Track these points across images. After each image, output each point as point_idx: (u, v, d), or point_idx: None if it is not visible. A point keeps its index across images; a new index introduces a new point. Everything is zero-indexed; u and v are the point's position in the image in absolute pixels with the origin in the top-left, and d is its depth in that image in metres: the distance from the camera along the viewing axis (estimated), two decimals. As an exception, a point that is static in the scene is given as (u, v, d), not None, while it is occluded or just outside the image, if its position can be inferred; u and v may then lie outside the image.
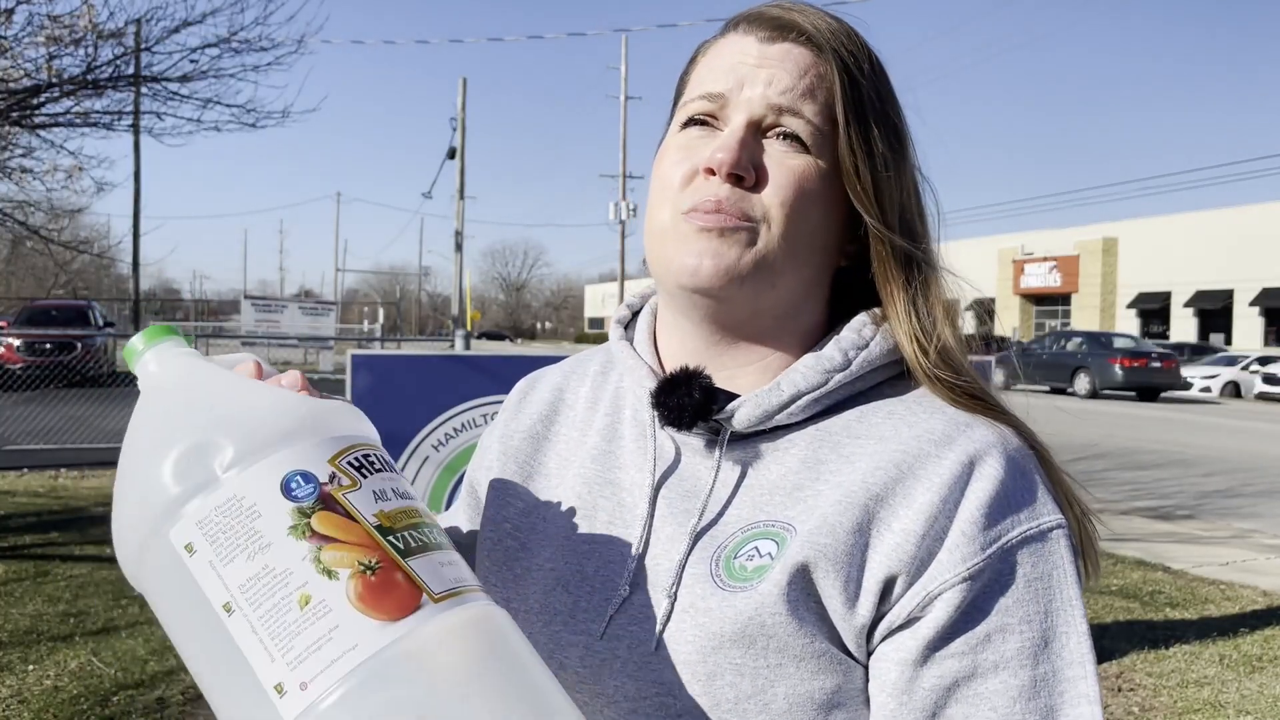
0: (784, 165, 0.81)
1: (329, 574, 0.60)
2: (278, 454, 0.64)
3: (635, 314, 0.99)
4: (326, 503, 0.63)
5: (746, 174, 0.81)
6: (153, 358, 0.71)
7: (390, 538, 0.63)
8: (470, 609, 0.64)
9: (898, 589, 0.74)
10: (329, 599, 0.60)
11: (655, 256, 0.86)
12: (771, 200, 0.81)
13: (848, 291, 0.89)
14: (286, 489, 0.63)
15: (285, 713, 0.59)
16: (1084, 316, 42.12)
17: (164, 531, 0.63)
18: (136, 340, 0.72)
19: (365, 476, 0.66)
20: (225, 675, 0.62)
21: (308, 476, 0.64)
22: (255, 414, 0.66)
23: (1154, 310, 40.70)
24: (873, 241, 0.84)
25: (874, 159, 0.82)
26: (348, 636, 0.59)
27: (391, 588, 0.61)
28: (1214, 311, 38.21)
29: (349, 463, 0.66)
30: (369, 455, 0.68)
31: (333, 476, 0.64)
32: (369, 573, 0.61)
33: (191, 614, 0.63)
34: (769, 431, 0.84)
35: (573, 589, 0.85)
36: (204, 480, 0.63)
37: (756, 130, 0.82)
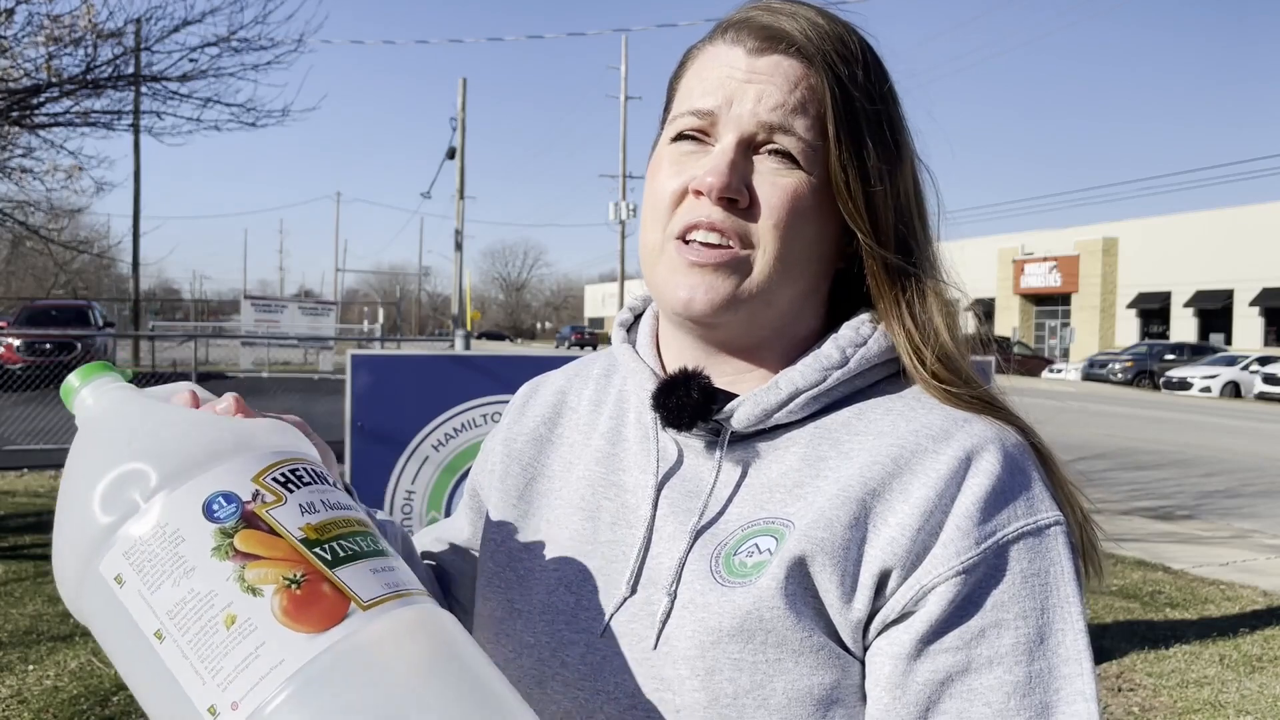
0: (776, 185, 0.81)
1: (253, 591, 0.60)
2: (200, 477, 0.64)
3: (638, 316, 0.99)
4: (249, 521, 0.63)
5: (739, 196, 0.80)
6: (89, 393, 0.72)
7: (317, 549, 0.63)
8: (403, 613, 0.63)
9: (892, 583, 0.74)
10: (254, 617, 0.59)
11: (649, 277, 0.86)
12: (764, 223, 0.80)
13: (849, 289, 0.89)
14: (208, 511, 0.63)
15: None
16: (1084, 317, 42.13)
17: (95, 564, 0.63)
18: (73, 378, 0.72)
19: (291, 491, 0.65)
20: (164, 701, 0.62)
21: (229, 496, 0.63)
22: (177, 439, 0.66)
23: (1154, 310, 40.70)
24: (864, 255, 0.84)
25: (866, 171, 0.81)
26: (274, 652, 0.59)
27: (317, 599, 0.60)
28: (1214, 311, 38.20)
29: (274, 479, 0.65)
30: (297, 469, 0.67)
31: (256, 494, 0.64)
32: (294, 586, 0.61)
33: (127, 644, 0.63)
34: (769, 431, 0.84)
35: (575, 588, 0.85)
36: (128, 509, 0.63)
37: (747, 147, 0.81)
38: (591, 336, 64.49)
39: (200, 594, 0.60)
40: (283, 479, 0.66)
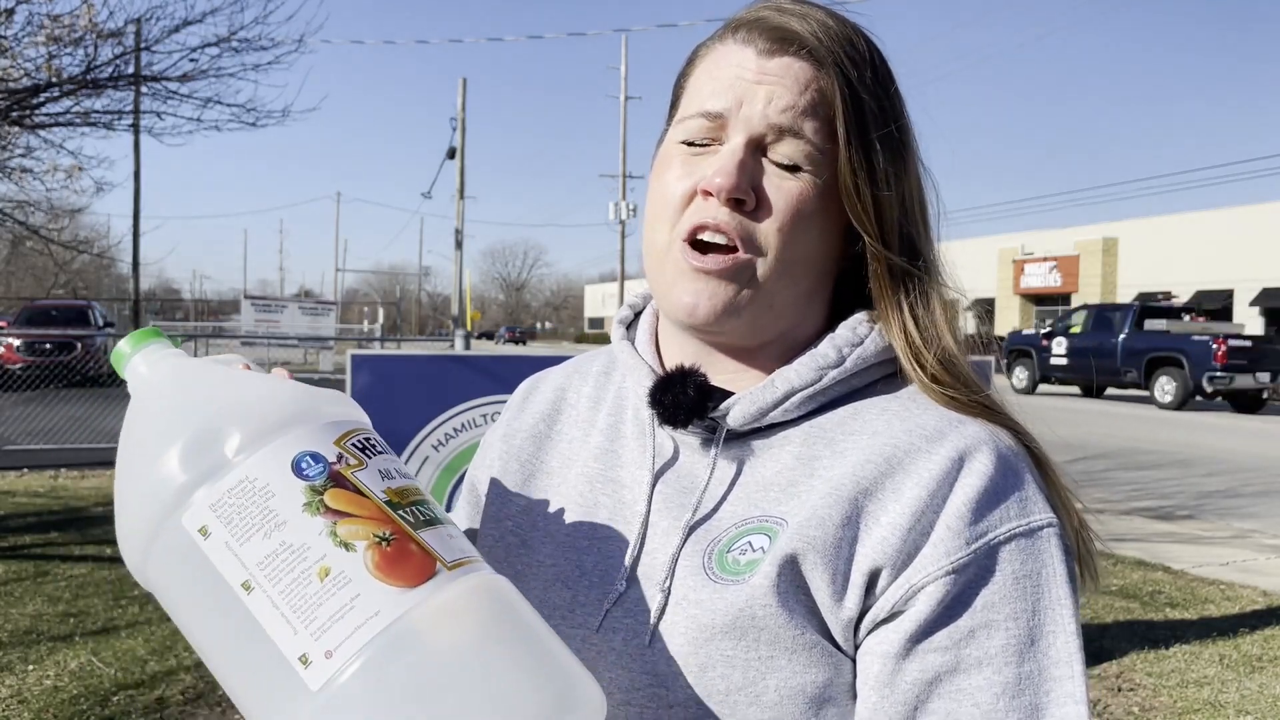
0: (782, 189, 0.81)
1: (346, 546, 0.62)
2: (284, 437, 0.66)
3: (638, 314, 0.99)
4: (337, 480, 0.65)
5: (746, 197, 0.80)
6: (141, 360, 0.73)
7: (400, 512, 0.66)
8: (480, 576, 0.67)
9: (882, 582, 0.74)
10: (348, 570, 0.61)
11: (653, 279, 0.86)
12: (769, 226, 0.80)
13: (851, 290, 0.89)
14: (298, 468, 0.65)
15: (311, 682, 0.60)
16: (1084, 316, 42.11)
17: (175, 518, 0.65)
18: (124, 344, 0.74)
19: (370, 457, 0.69)
20: (246, 654, 0.63)
21: (316, 456, 0.66)
22: (257, 401, 0.68)
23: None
24: (869, 257, 0.84)
25: (875, 174, 0.81)
26: (369, 604, 0.61)
27: (407, 557, 0.63)
28: (1214, 311, 38.18)
29: (354, 444, 0.69)
30: (369, 438, 0.71)
31: (340, 456, 0.67)
32: (384, 544, 0.63)
33: (208, 597, 0.64)
34: (765, 429, 0.84)
35: (572, 584, 0.85)
36: (213, 465, 0.65)
37: (756, 148, 0.81)
38: (523, 335, 66.19)
39: (293, 546, 0.62)
40: (360, 445, 0.69)
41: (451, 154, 25.53)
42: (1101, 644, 4.97)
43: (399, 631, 0.60)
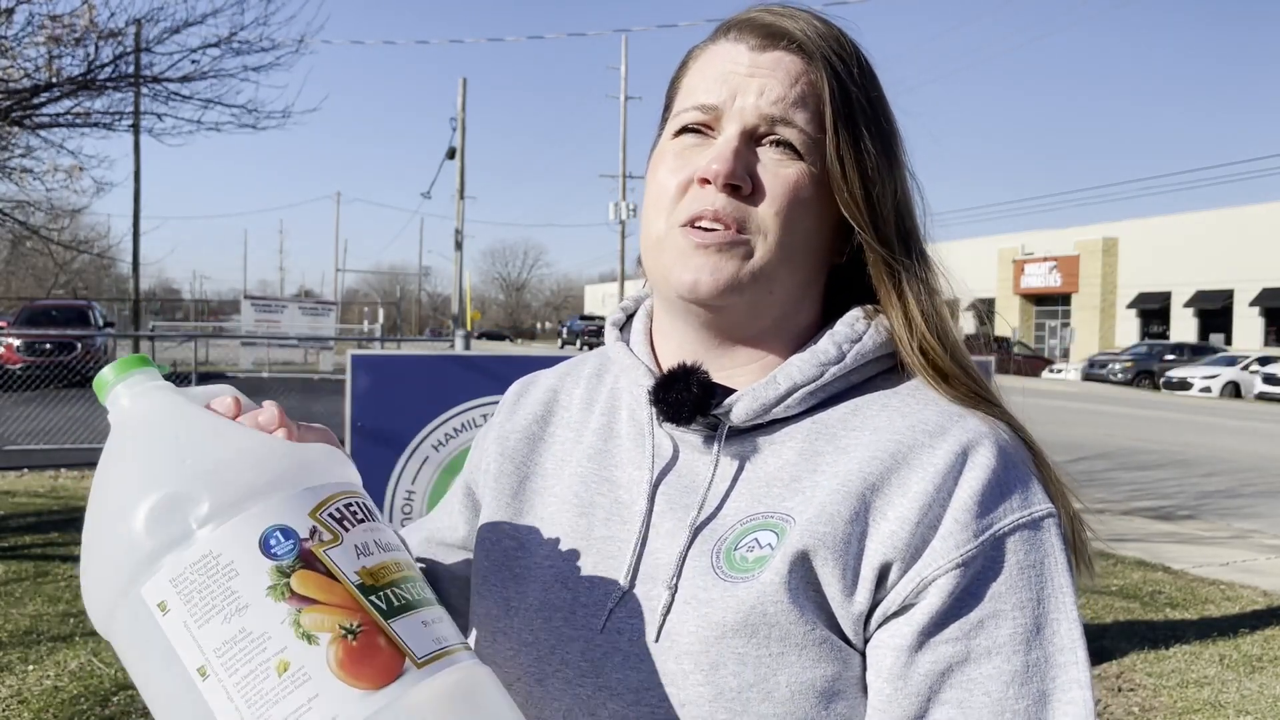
0: (778, 175, 0.83)
1: (309, 639, 0.58)
2: (256, 507, 0.61)
3: (630, 316, 1.00)
4: (307, 560, 0.60)
5: (743, 183, 0.82)
6: (124, 391, 0.68)
7: (372, 597, 0.61)
8: (453, 672, 0.62)
9: (893, 576, 0.76)
10: (308, 666, 0.58)
11: (652, 266, 0.87)
12: (766, 211, 0.82)
13: (845, 286, 0.91)
14: (265, 546, 0.60)
15: None
16: (1084, 317, 42.13)
17: (136, 587, 0.61)
18: (107, 371, 0.69)
19: (347, 530, 0.63)
20: None
21: (287, 532, 0.61)
22: (232, 463, 0.63)
23: (1154, 310, 40.68)
24: (865, 247, 0.86)
25: (864, 163, 0.83)
26: (327, 706, 0.57)
27: (373, 653, 0.59)
28: (1214, 311, 38.19)
29: (330, 515, 0.63)
30: (350, 505, 0.65)
31: (314, 531, 0.62)
32: (350, 637, 0.59)
33: (164, 674, 0.60)
34: (766, 425, 0.85)
35: (572, 585, 0.86)
36: (178, 535, 0.60)
37: (750, 139, 0.83)
38: (433, 333, 69.38)
39: (253, 635, 0.58)
40: (338, 515, 0.64)
41: (451, 154, 25.54)
42: (1102, 644, 4.97)
43: None
